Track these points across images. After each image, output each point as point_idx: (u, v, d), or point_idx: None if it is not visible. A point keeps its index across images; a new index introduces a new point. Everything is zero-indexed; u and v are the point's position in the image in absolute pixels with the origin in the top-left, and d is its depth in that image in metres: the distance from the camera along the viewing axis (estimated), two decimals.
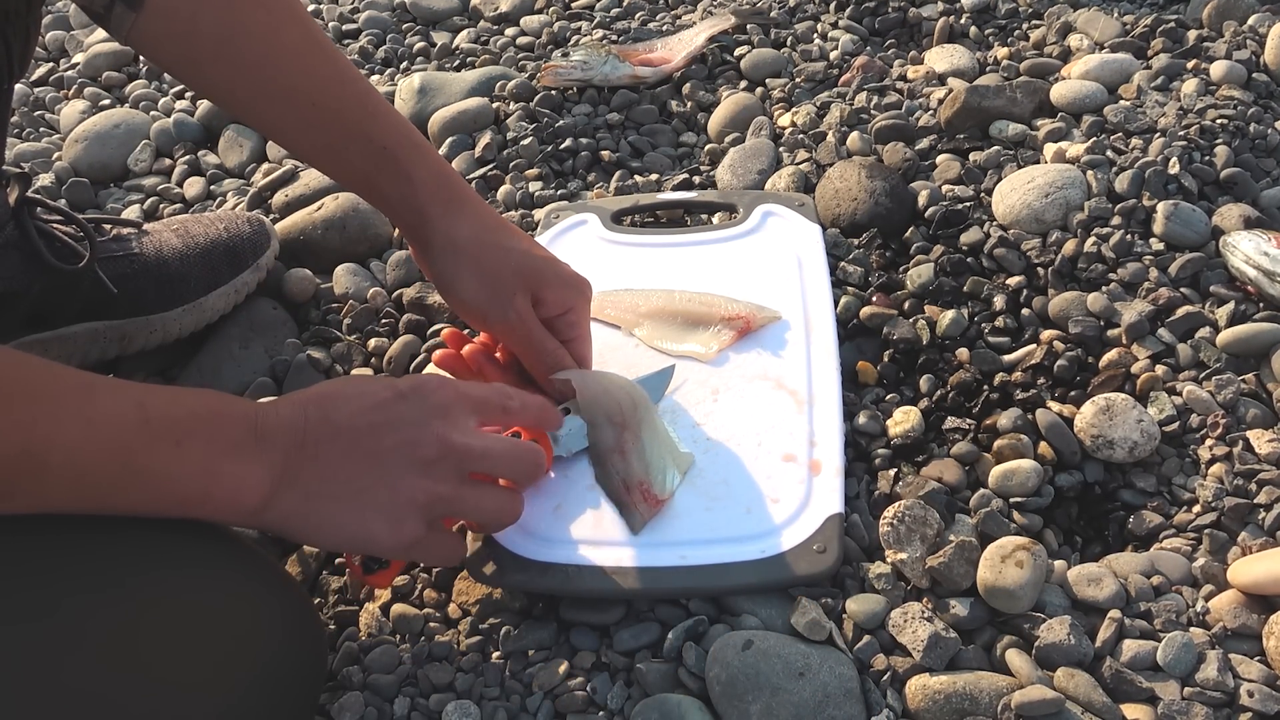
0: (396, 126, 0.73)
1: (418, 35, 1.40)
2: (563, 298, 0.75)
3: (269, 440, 0.57)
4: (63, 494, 0.51)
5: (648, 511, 0.71)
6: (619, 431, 0.73)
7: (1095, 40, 1.18)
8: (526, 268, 0.73)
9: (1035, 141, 1.04)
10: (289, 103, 0.71)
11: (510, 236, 0.74)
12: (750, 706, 0.62)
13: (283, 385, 0.89)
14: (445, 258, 0.72)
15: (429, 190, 0.72)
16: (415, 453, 0.60)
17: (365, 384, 0.63)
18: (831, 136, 1.08)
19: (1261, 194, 0.95)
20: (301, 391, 0.63)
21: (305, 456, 0.58)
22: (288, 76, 0.70)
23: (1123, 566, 0.70)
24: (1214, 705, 0.62)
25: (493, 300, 0.72)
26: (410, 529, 0.60)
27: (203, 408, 0.57)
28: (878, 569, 0.69)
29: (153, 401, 0.54)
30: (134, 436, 0.52)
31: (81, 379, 0.53)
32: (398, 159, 0.72)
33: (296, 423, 0.59)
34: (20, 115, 1.31)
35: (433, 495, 0.61)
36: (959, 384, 0.83)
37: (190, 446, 0.54)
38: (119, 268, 0.86)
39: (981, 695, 0.62)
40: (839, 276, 0.92)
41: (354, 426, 0.60)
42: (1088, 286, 0.89)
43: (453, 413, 0.63)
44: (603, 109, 1.18)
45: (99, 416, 0.52)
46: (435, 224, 0.72)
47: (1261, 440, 0.76)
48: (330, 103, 0.71)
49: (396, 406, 0.61)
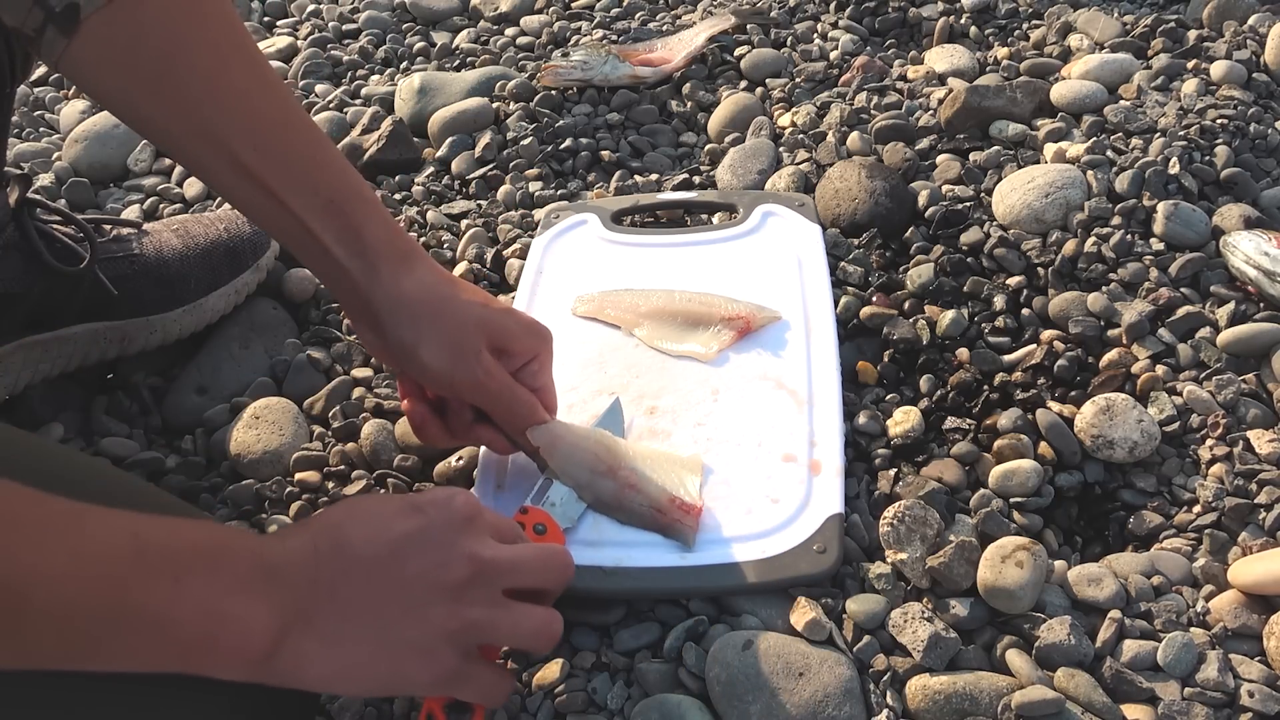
0: (345, 178, 0.68)
1: (418, 35, 1.40)
2: (527, 346, 0.71)
3: (278, 577, 0.52)
4: (47, 639, 0.45)
5: (693, 522, 0.70)
6: (613, 474, 0.71)
7: (1095, 40, 1.18)
8: (487, 321, 0.68)
9: (1035, 141, 1.04)
10: (227, 146, 0.64)
11: (464, 290, 0.70)
12: (750, 706, 0.62)
13: (282, 385, 0.89)
14: (400, 322, 0.67)
15: (379, 246, 0.67)
16: (444, 576, 0.55)
17: (375, 504, 0.58)
18: (831, 136, 1.08)
19: (1262, 194, 0.95)
20: (306, 521, 0.58)
21: (320, 595, 0.53)
22: (229, 119, 0.64)
23: (1123, 566, 0.70)
24: (1214, 705, 0.62)
25: (458, 361, 0.67)
26: (446, 662, 0.55)
27: (204, 539, 0.52)
28: (878, 569, 0.69)
29: (148, 532, 0.49)
30: (127, 570, 0.47)
31: (68, 507, 0.47)
32: (345, 212, 0.66)
33: (306, 557, 0.54)
34: (20, 115, 1.31)
35: (466, 622, 0.56)
36: (959, 384, 0.83)
37: (190, 583, 0.49)
38: (119, 269, 0.86)
39: (982, 695, 0.62)
40: (839, 276, 0.92)
41: (373, 555, 0.55)
42: (1088, 286, 0.89)
43: (476, 524, 0.58)
44: (603, 109, 1.18)
45: (88, 547, 0.46)
46: (384, 283, 0.67)
47: (1262, 440, 0.76)
48: (274, 149, 0.65)
49: (416, 525, 0.56)
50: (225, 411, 0.87)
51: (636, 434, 0.77)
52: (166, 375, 0.91)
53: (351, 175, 0.68)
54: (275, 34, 1.46)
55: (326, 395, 0.86)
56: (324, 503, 0.78)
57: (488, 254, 0.99)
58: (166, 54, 0.63)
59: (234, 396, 0.88)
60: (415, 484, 0.79)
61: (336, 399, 0.86)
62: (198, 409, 0.87)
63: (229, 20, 0.66)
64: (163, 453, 0.84)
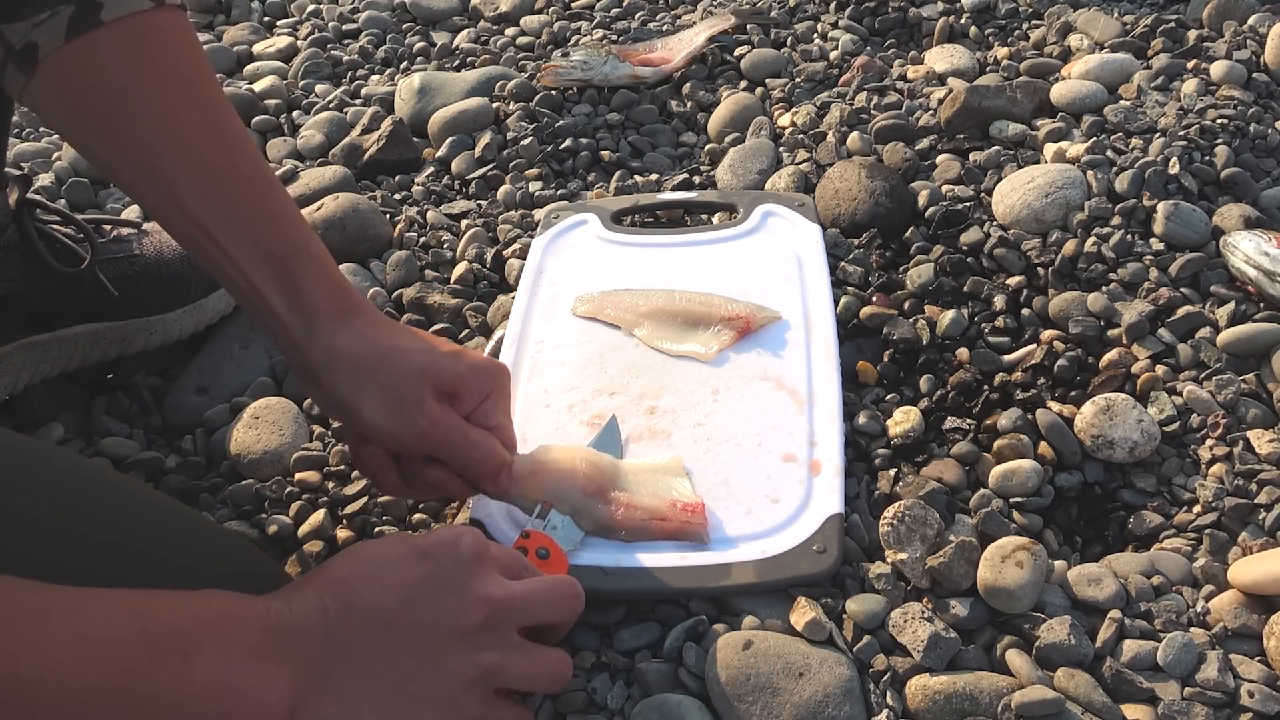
0: (291, 231, 0.66)
1: (418, 35, 1.40)
2: (477, 387, 0.68)
3: (289, 642, 0.51)
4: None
5: (700, 519, 0.69)
6: (603, 494, 0.71)
7: (1095, 40, 1.18)
8: (431, 367, 0.66)
9: (1035, 141, 1.04)
10: (173, 191, 0.63)
11: (409, 338, 0.68)
12: (750, 706, 0.62)
13: (282, 385, 0.89)
14: (338, 380, 0.65)
15: (317, 302, 0.65)
16: (459, 622, 0.54)
17: (379, 551, 0.57)
18: (831, 136, 1.08)
19: (1262, 194, 0.95)
20: (310, 577, 0.56)
21: (333, 655, 0.52)
22: (175, 165, 0.63)
23: (1123, 566, 0.70)
24: (1214, 705, 0.62)
25: (400, 414, 0.65)
26: (468, 710, 0.55)
27: (209, 611, 0.50)
28: (878, 569, 0.69)
29: (152, 610, 0.48)
30: (134, 653, 0.46)
31: (68, 594, 0.46)
32: (287, 267, 0.65)
33: (315, 618, 0.52)
34: (20, 115, 1.31)
35: (483, 668, 0.55)
36: (959, 384, 0.83)
37: (200, 659, 0.48)
38: (119, 269, 0.86)
39: (982, 695, 0.62)
40: (839, 276, 0.92)
41: (384, 607, 0.54)
42: (1088, 286, 0.89)
43: (485, 563, 0.57)
44: (603, 109, 1.18)
45: (93, 634, 0.45)
46: (322, 340, 0.65)
47: (1262, 440, 0.76)
48: (218, 198, 0.64)
49: (425, 571, 0.55)
50: (225, 411, 0.87)
51: (636, 434, 0.77)
52: (166, 375, 0.91)
53: (297, 229, 0.67)
54: (275, 34, 1.46)
55: None
56: (324, 503, 0.78)
57: (488, 254, 0.99)
58: (117, 97, 0.62)
59: (234, 396, 0.88)
60: None
61: None
62: (198, 409, 0.87)
63: (187, 63, 0.65)
64: (163, 453, 0.84)
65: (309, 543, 0.76)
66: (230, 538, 0.66)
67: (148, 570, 0.54)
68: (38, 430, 0.85)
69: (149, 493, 0.69)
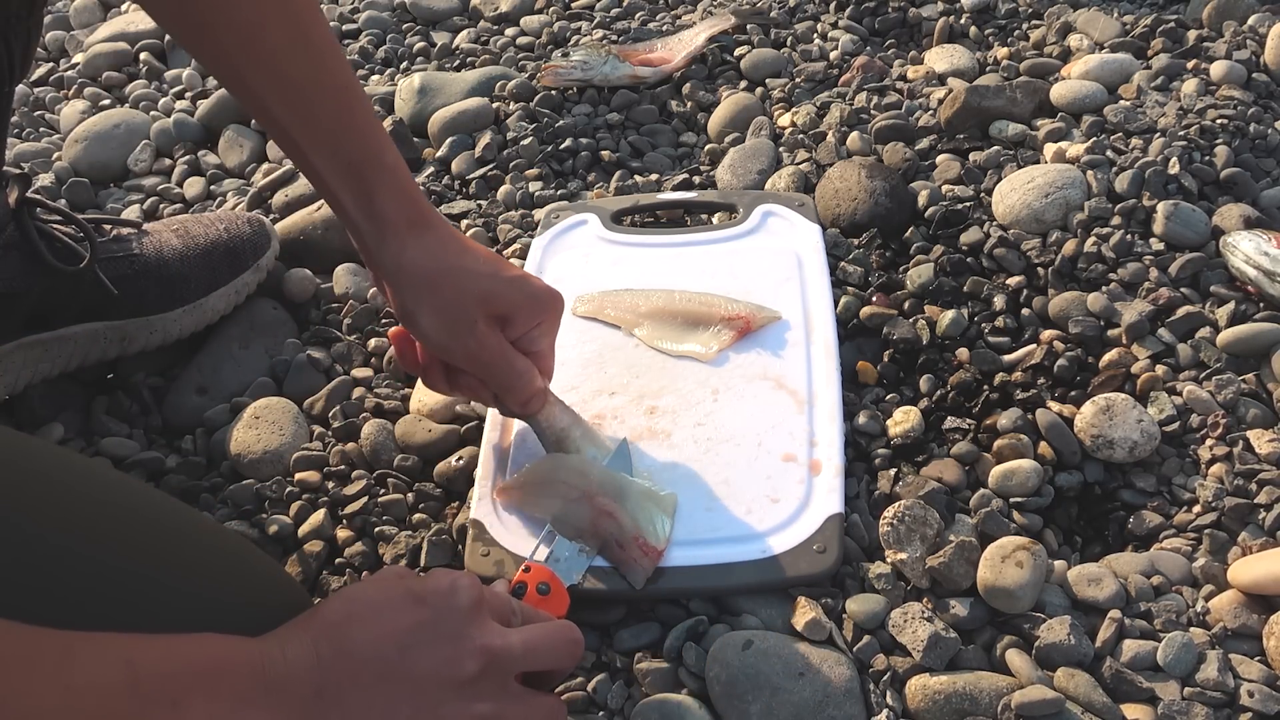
0: (368, 142, 0.69)
1: (418, 35, 1.40)
2: (530, 315, 0.71)
3: (280, 690, 0.50)
4: None
5: (648, 564, 0.68)
6: (590, 499, 0.70)
7: (1095, 40, 1.18)
8: (489, 291, 0.69)
9: (1035, 141, 1.04)
10: (261, 99, 0.68)
11: (474, 259, 0.70)
12: (750, 706, 0.62)
13: (282, 385, 0.89)
14: (401, 289, 0.69)
15: (389, 213, 0.69)
16: (456, 672, 0.54)
17: (374, 595, 0.56)
18: (831, 136, 1.08)
19: (1261, 194, 0.95)
20: (305, 619, 0.55)
21: (327, 705, 0.51)
22: (261, 75, 0.67)
23: (1123, 566, 0.70)
24: (1214, 705, 0.62)
25: (452, 332, 0.69)
26: None
27: (201, 658, 0.49)
28: (878, 569, 0.69)
29: (143, 658, 0.47)
30: (124, 703, 0.45)
31: (58, 640, 0.45)
32: (363, 177, 0.68)
33: (309, 665, 0.51)
34: (20, 115, 1.31)
35: (478, 718, 0.54)
36: (959, 384, 0.83)
37: (189, 707, 0.47)
38: (119, 268, 0.86)
39: (981, 695, 0.62)
40: (839, 276, 0.92)
41: (379, 656, 0.53)
42: (1088, 286, 0.89)
43: (482, 610, 0.56)
44: (603, 109, 1.18)
45: (80, 681, 0.44)
46: (391, 250, 0.69)
47: (1262, 440, 0.76)
48: (301, 108, 0.68)
49: (421, 618, 0.54)
50: (225, 411, 0.87)
51: (637, 434, 0.78)
52: (166, 375, 0.91)
53: (374, 140, 0.70)
54: None
55: (326, 395, 0.86)
56: (324, 503, 0.78)
57: None
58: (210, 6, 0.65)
59: (234, 396, 0.88)
60: (415, 483, 0.79)
61: (336, 399, 0.86)
62: (198, 409, 0.87)
63: None
64: (163, 453, 0.84)
65: (309, 543, 0.76)
66: (231, 538, 0.66)
67: (142, 585, 0.53)
68: (38, 430, 0.85)
69: (149, 493, 0.68)
